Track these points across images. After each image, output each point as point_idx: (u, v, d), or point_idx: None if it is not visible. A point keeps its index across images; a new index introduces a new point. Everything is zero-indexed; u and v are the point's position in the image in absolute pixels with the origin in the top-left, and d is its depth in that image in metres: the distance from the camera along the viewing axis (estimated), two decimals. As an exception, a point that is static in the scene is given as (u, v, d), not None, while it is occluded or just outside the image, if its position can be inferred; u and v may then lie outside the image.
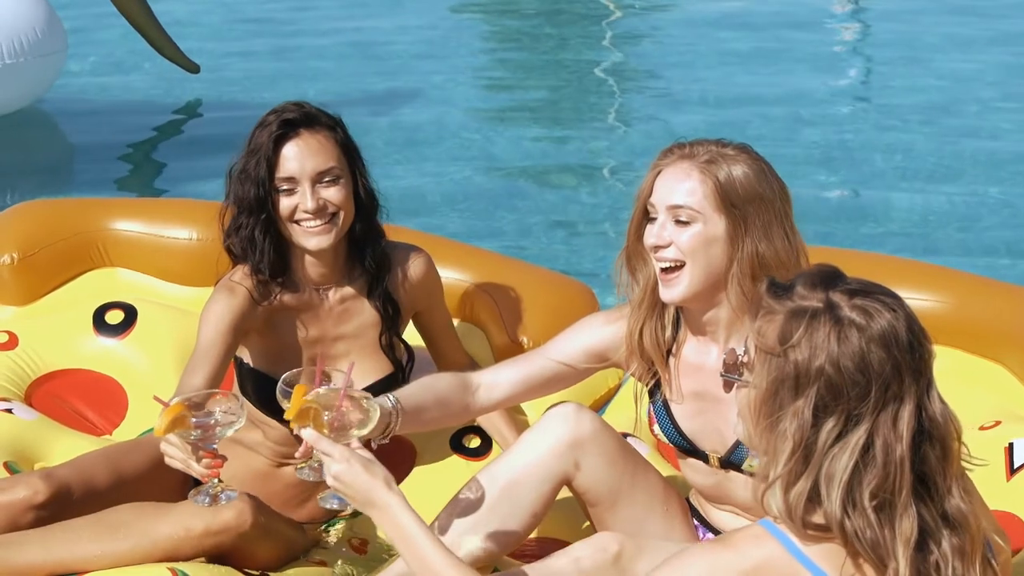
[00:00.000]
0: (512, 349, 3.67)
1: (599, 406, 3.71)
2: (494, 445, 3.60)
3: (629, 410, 3.11)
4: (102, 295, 3.90)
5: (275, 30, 9.86)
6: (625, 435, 3.28)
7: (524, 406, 3.66)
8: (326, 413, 2.60)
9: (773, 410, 2.18)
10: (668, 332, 2.97)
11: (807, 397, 2.15)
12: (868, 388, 2.15)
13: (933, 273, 3.81)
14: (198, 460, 2.71)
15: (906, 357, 2.18)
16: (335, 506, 2.67)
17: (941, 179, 7.04)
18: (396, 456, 3.64)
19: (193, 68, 8.02)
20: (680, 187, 2.84)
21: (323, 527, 3.47)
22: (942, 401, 2.22)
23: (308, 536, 3.41)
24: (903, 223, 6.46)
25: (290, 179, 3.25)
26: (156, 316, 3.84)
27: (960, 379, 3.63)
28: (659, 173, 2.88)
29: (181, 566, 2.98)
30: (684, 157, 2.86)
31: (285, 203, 3.26)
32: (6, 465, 3.43)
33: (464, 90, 8.59)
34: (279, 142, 3.25)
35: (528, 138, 7.69)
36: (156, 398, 2.76)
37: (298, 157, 3.24)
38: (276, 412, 3.19)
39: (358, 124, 7.77)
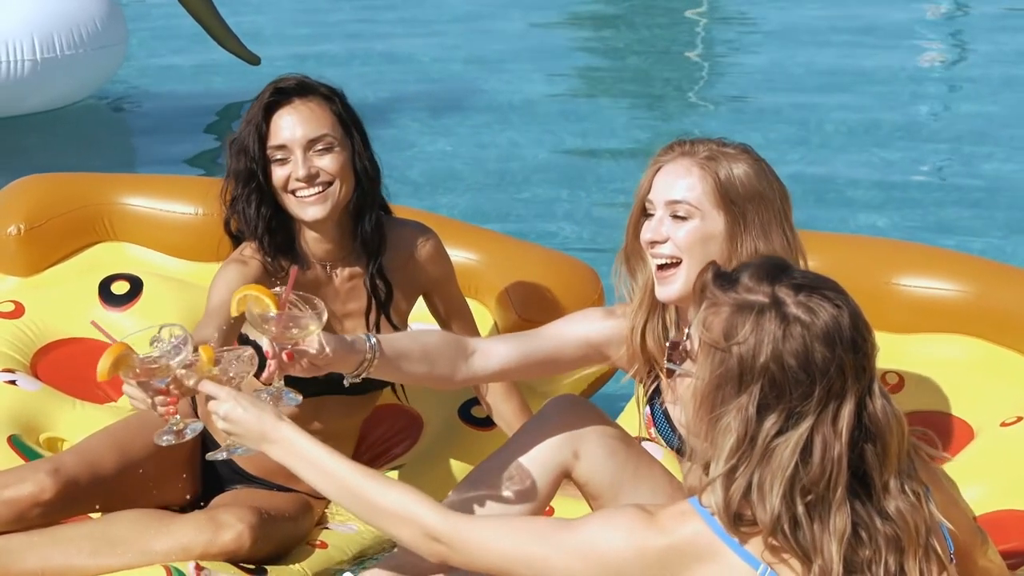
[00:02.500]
0: (519, 327, 3.62)
1: (588, 395, 3.70)
2: None
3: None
4: (107, 267, 3.93)
5: (343, 17, 9.90)
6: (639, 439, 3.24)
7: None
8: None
9: (716, 404, 2.19)
10: (672, 333, 2.94)
11: (750, 394, 2.16)
12: (811, 387, 2.16)
13: (955, 260, 3.75)
14: (152, 399, 2.67)
15: (849, 355, 2.18)
16: (222, 456, 2.61)
17: None
18: (403, 426, 3.68)
19: (254, 60, 8.05)
20: (679, 183, 2.85)
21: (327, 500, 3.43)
22: (884, 396, 2.23)
23: (312, 516, 3.41)
24: (993, 209, 6.36)
25: (282, 147, 3.23)
26: (161, 288, 3.86)
27: (982, 371, 3.58)
28: (659, 169, 2.89)
29: (176, 564, 3.04)
30: (684, 154, 2.87)
31: (279, 173, 3.25)
32: (10, 439, 3.45)
33: (544, 71, 8.59)
34: (270, 110, 3.25)
35: (610, 119, 7.70)
36: (94, 323, 2.72)
37: (289, 125, 3.24)
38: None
39: (435, 103, 7.77)
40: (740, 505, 2.18)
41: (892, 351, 3.61)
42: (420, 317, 3.59)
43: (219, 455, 2.63)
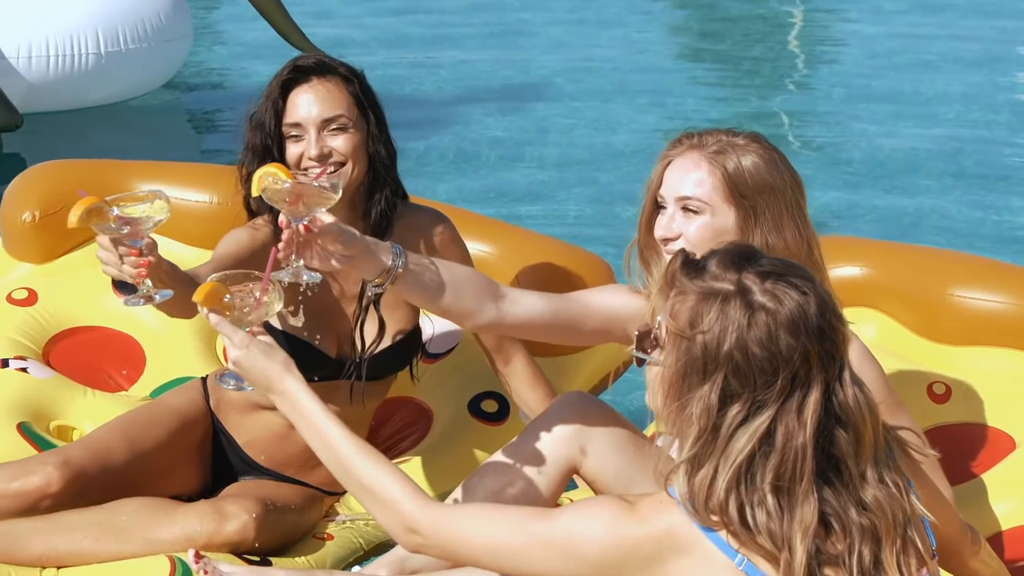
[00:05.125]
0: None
1: (597, 392, 3.70)
2: (511, 410, 3.59)
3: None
4: (120, 255, 3.91)
5: (410, 6, 9.92)
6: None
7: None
8: (227, 296, 2.54)
9: (682, 393, 2.18)
10: None
11: (714, 382, 2.15)
12: (775, 375, 2.14)
13: (998, 270, 3.69)
14: (122, 259, 2.65)
15: (815, 344, 2.16)
16: (231, 386, 2.60)
17: None
18: (413, 419, 3.69)
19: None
20: (688, 178, 2.85)
21: (336, 495, 3.44)
22: (855, 384, 2.19)
23: (319, 509, 3.40)
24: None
25: (296, 125, 3.22)
26: (174, 275, 3.84)
27: (1026, 386, 3.51)
28: (668, 164, 2.89)
29: (180, 554, 3.03)
30: (693, 147, 2.87)
31: (292, 150, 3.24)
32: (19, 427, 3.46)
33: (634, 55, 8.70)
34: (287, 87, 3.23)
35: (705, 102, 7.84)
36: (80, 191, 2.69)
37: (305, 103, 3.22)
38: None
39: (525, 90, 7.79)
40: (707, 494, 2.16)
41: (944, 362, 3.57)
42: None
43: (228, 384, 2.60)
